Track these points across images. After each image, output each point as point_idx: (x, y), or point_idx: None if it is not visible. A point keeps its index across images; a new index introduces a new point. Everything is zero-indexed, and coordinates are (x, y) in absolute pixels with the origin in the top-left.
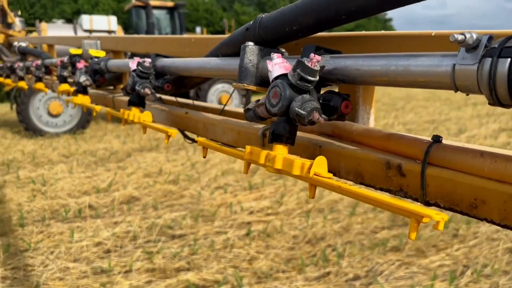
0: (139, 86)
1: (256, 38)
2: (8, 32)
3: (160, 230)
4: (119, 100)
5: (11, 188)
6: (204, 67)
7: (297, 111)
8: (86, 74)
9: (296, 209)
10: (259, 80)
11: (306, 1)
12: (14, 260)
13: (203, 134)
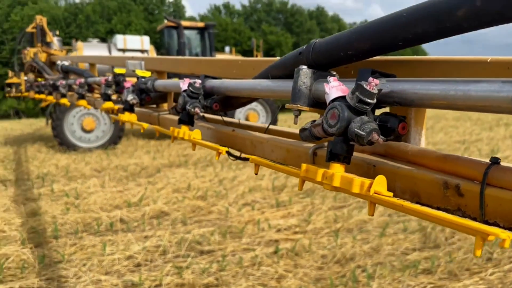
0: (189, 106)
1: (309, 62)
2: (50, 51)
3: (189, 245)
4: (164, 118)
5: (45, 200)
6: (255, 88)
7: (356, 131)
8: (133, 93)
9: (324, 228)
10: (312, 101)
11: (363, 28)
12: (49, 271)
13: (250, 152)
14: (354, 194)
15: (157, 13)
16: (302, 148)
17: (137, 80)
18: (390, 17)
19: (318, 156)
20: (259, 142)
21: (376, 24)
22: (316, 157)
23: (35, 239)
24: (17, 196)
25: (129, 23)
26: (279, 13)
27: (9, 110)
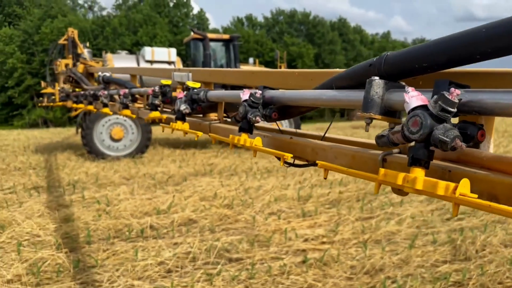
0: (251, 115)
1: (380, 73)
2: (87, 62)
3: (218, 253)
4: (216, 126)
5: (77, 207)
6: (320, 98)
7: (440, 138)
8: (186, 103)
9: (352, 239)
10: (384, 110)
11: (441, 42)
12: (83, 275)
13: (311, 158)
14: (437, 196)
15: (181, 25)
16: (368, 154)
17: (188, 90)
18: (469, 32)
19: (388, 162)
20: (321, 149)
21: (454, 38)
22: (386, 163)
23: (69, 244)
24: (50, 202)
25: (154, 36)
26: (301, 25)
27: (38, 119)
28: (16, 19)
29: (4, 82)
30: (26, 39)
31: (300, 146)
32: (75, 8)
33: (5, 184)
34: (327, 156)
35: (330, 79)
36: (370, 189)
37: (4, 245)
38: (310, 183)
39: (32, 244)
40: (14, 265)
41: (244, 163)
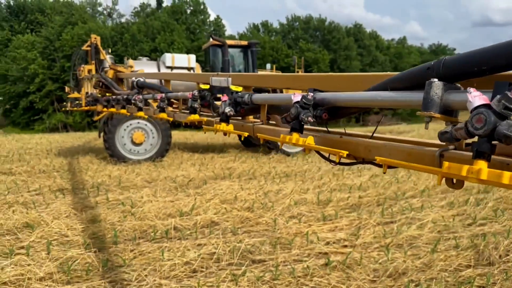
0: (303, 115)
1: (438, 75)
2: (116, 68)
3: (241, 254)
4: (259, 127)
5: (102, 208)
6: (375, 99)
7: (505, 133)
8: (230, 106)
9: (373, 243)
10: (442, 109)
11: (501, 46)
12: (112, 274)
13: (364, 156)
14: (503, 186)
15: (198, 32)
16: (425, 151)
17: (232, 94)
18: None
19: (445, 157)
20: (374, 147)
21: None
22: (443, 158)
23: (97, 244)
24: (76, 204)
25: (172, 42)
26: (316, 31)
27: (58, 124)
28: (38, 26)
29: (26, 87)
30: (48, 45)
31: (352, 145)
32: (95, 15)
33: (32, 186)
34: (381, 153)
35: (384, 82)
36: (390, 194)
37: (35, 244)
38: (329, 187)
39: (61, 244)
40: (46, 264)
41: (262, 167)
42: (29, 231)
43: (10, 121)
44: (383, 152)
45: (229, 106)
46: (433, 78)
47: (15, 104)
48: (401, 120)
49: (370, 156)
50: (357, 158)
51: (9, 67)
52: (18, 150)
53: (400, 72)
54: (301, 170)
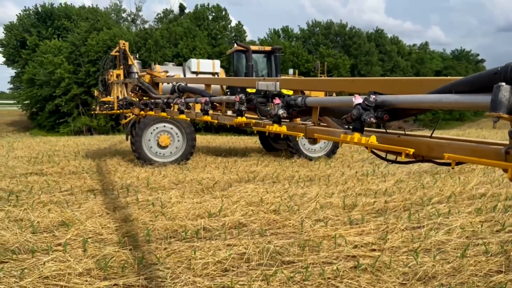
0: (365, 116)
1: (506, 80)
2: (152, 73)
3: (271, 255)
4: (312, 129)
5: (133, 208)
6: (440, 102)
7: None
8: (283, 108)
9: (401, 247)
10: (510, 110)
11: None
12: (147, 271)
13: (426, 154)
14: None
15: (219, 38)
16: (489, 148)
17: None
18: None
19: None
20: (437, 145)
21: None
22: (508, 156)
23: (130, 242)
24: (107, 203)
25: (194, 48)
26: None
27: (82, 127)
28: (65, 31)
29: (52, 91)
30: (73, 50)
31: (413, 144)
32: (119, 21)
33: (63, 187)
34: (445, 151)
35: (448, 85)
36: (416, 199)
37: (71, 242)
38: (354, 192)
39: (96, 242)
40: (83, 260)
41: (285, 171)
42: (65, 229)
43: (36, 124)
44: (447, 150)
45: (282, 109)
46: (501, 82)
47: (41, 107)
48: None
49: (433, 154)
50: (415, 156)
51: (36, 71)
52: (47, 151)
53: (465, 77)
54: (325, 175)
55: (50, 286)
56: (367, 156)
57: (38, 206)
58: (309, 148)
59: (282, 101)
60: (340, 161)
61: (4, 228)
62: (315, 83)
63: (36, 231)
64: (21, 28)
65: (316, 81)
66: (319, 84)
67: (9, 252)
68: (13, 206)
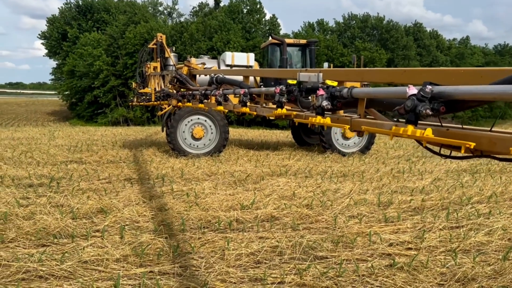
0: (421, 108)
1: None
2: (190, 65)
3: (303, 249)
4: (358, 121)
5: (168, 198)
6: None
7: None
8: (327, 100)
9: (439, 247)
10: None
11: None
12: (181, 260)
13: (487, 148)
14: None
15: (254, 31)
16: None
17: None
18: None
19: None
20: (500, 139)
21: None
22: None
23: (166, 231)
24: (143, 192)
25: (228, 41)
26: (373, 29)
27: (119, 118)
28: (104, 24)
29: (91, 82)
30: (112, 43)
31: (472, 137)
32: (156, 15)
33: (101, 175)
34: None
35: None
36: (454, 198)
37: (109, 228)
38: (390, 189)
39: (133, 229)
40: (120, 247)
41: (317, 166)
42: (103, 216)
43: (75, 114)
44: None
45: (326, 100)
46: None
47: (80, 98)
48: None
49: (495, 149)
50: (473, 152)
51: (76, 63)
52: (86, 141)
53: None
54: (358, 171)
55: (89, 270)
56: (403, 153)
57: (77, 193)
58: (343, 143)
59: (326, 92)
60: (375, 158)
61: (46, 213)
62: (362, 74)
63: (76, 217)
64: (62, 21)
65: (363, 72)
66: (366, 75)
67: (50, 236)
68: (54, 192)
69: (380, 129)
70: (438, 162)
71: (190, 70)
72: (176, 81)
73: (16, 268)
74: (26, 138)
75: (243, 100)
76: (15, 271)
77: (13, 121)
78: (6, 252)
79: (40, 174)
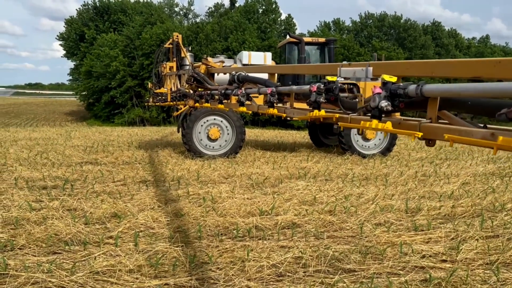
0: None
1: None
2: (208, 63)
3: (329, 261)
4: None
5: (184, 202)
6: None
7: None
8: (386, 99)
9: (476, 259)
10: None
11: None
12: (198, 271)
13: None
14: None
15: (269, 31)
16: None
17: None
18: None
19: None
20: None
21: None
22: None
23: (181, 238)
24: (158, 196)
25: (243, 41)
26: (391, 28)
27: (135, 118)
28: (120, 25)
29: (108, 83)
30: (128, 44)
31: None
32: (172, 15)
33: (116, 177)
34: None
35: None
36: (487, 205)
37: (122, 235)
38: (417, 194)
39: (148, 236)
40: (134, 256)
41: (337, 168)
42: (117, 222)
43: (92, 114)
44: None
45: (385, 100)
46: None
47: (97, 98)
48: None
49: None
50: None
51: (93, 63)
52: (102, 141)
53: None
54: (381, 174)
55: (100, 282)
56: (425, 155)
57: (91, 196)
58: (363, 144)
59: (385, 89)
60: (397, 160)
61: (59, 217)
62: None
63: (89, 222)
64: (80, 22)
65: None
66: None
67: (62, 243)
68: (67, 195)
69: (469, 138)
70: (463, 165)
71: (208, 68)
72: (193, 80)
73: (25, 279)
74: (43, 138)
75: (270, 100)
76: (23, 282)
77: (32, 121)
78: (15, 260)
79: (55, 176)
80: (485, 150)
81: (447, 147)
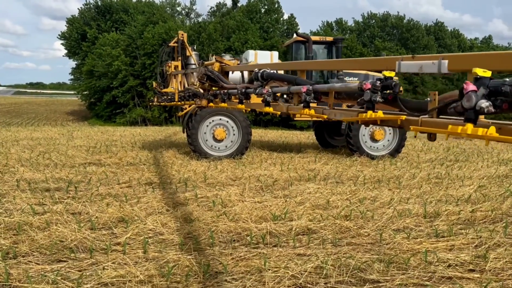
0: None
1: None
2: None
3: (351, 271)
4: None
5: (192, 205)
6: None
7: None
8: (486, 98)
9: (506, 269)
10: None
11: None
12: (213, 282)
13: None
14: None
15: (271, 31)
16: None
17: (479, 80)
18: None
19: None
20: None
21: None
22: None
23: (193, 245)
24: (166, 199)
25: (246, 41)
26: (393, 29)
27: (137, 118)
28: (122, 25)
29: (110, 82)
30: (130, 43)
31: None
32: (174, 15)
33: (121, 178)
34: None
35: None
36: (507, 209)
37: (130, 241)
38: (434, 198)
39: (157, 242)
40: (144, 265)
41: (347, 170)
42: (124, 227)
43: (94, 114)
44: None
45: (486, 99)
46: None
47: (99, 98)
48: None
49: None
50: None
51: (95, 63)
52: (105, 141)
53: None
54: (393, 176)
55: None
56: (435, 157)
57: (96, 199)
58: (371, 145)
59: (482, 86)
60: (406, 161)
61: (63, 222)
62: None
63: (95, 227)
64: (82, 21)
65: None
66: None
67: (67, 250)
68: (71, 198)
69: None
70: (475, 166)
71: (223, 66)
72: (206, 79)
73: None
74: (45, 138)
75: (306, 100)
76: None
77: (33, 121)
78: (18, 269)
79: (58, 177)
80: (494, 152)
81: (455, 148)
